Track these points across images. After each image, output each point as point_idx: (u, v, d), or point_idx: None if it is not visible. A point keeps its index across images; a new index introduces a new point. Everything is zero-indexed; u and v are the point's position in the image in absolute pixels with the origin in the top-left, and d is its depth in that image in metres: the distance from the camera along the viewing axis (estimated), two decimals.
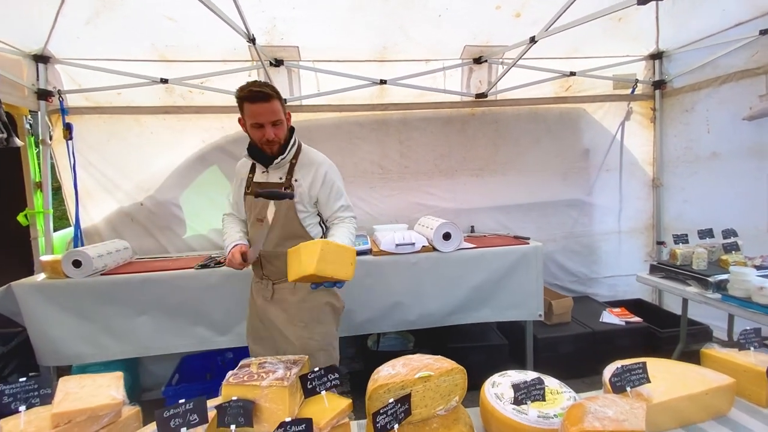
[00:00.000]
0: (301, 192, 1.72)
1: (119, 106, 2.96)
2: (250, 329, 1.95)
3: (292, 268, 1.43)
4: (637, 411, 0.85)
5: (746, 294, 2.00)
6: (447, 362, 1.07)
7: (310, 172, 1.74)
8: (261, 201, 1.72)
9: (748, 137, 2.89)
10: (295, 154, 1.75)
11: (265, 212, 1.72)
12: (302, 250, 1.40)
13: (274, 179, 1.74)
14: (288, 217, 1.72)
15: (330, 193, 1.77)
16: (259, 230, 1.75)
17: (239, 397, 0.97)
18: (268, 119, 1.60)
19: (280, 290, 1.79)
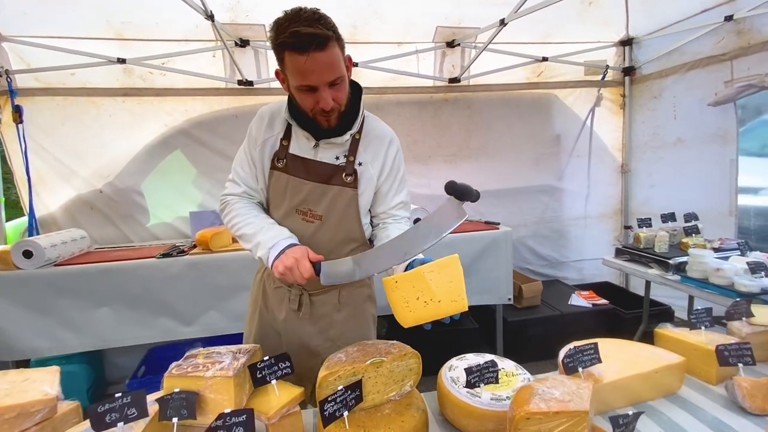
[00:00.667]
0: (368, 180, 1.24)
1: (73, 87, 2.80)
2: (258, 340, 1.38)
3: (406, 305, 0.98)
4: (583, 391, 0.85)
5: (704, 275, 2.06)
6: (402, 347, 1.05)
7: (380, 153, 1.25)
8: (310, 186, 1.20)
9: (712, 123, 2.96)
10: (360, 125, 1.22)
11: (317, 204, 1.22)
12: (427, 275, 0.97)
13: (327, 158, 1.21)
14: (347, 215, 1.24)
15: (394, 183, 1.29)
16: (301, 228, 1.24)
17: (182, 389, 0.92)
18: (324, 79, 1.03)
19: (320, 304, 1.32)
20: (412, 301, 0.98)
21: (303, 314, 1.32)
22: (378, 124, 1.30)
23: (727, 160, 2.92)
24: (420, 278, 0.98)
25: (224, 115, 3.01)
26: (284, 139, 1.22)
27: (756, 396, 1.04)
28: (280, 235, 1.17)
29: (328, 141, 1.19)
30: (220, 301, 2.34)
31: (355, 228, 1.27)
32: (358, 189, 1.22)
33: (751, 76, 2.59)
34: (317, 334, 1.34)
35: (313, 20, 1.02)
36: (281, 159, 1.22)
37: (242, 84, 2.95)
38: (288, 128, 1.22)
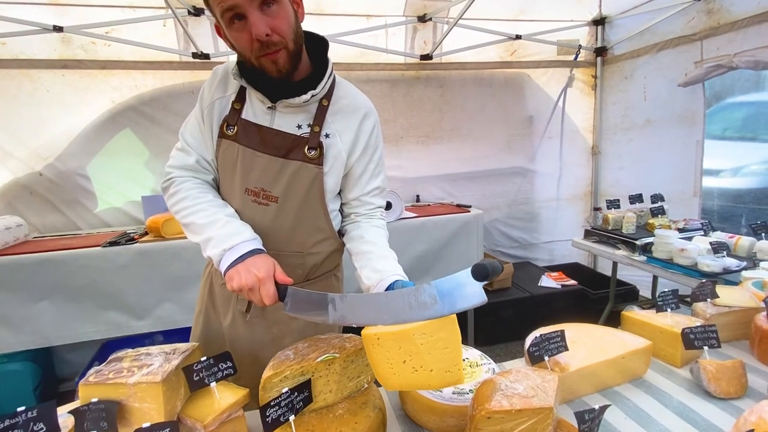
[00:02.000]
0: (336, 155, 1.04)
1: (5, 59, 2.50)
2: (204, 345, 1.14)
3: (390, 367, 0.80)
4: (548, 385, 0.79)
5: (669, 256, 2.08)
6: (357, 340, 0.96)
7: (353, 125, 1.05)
8: (265, 160, 1.00)
9: (680, 104, 2.98)
10: (329, 90, 1.03)
11: (273, 183, 1.02)
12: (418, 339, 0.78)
13: (287, 126, 1.01)
14: (310, 198, 1.04)
15: (369, 165, 1.10)
16: (252, 213, 1.04)
17: (101, 398, 0.81)
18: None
19: (274, 308, 1.00)
20: (397, 365, 0.79)
21: (251, 317, 1.12)
22: (352, 91, 1.09)
23: (694, 141, 2.95)
24: (408, 340, 0.78)
25: (178, 90, 2.78)
26: (237, 101, 1.02)
27: (721, 379, 1.02)
28: (240, 235, 0.95)
29: (287, 103, 0.98)
30: (175, 292, 2.19)
31: (320, 215, 1.07)
32: (324, 166, 1.01)
33: (719, 56, 2.60)
34: (270, 343, 1.13)
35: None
36: (231, 125, 1.01)
37: (197, 57, 2.73)
38: (242, 90, 1.02)
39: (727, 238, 2.11)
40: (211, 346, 1.18)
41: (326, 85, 1.00)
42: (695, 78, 2.69)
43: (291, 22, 0.91)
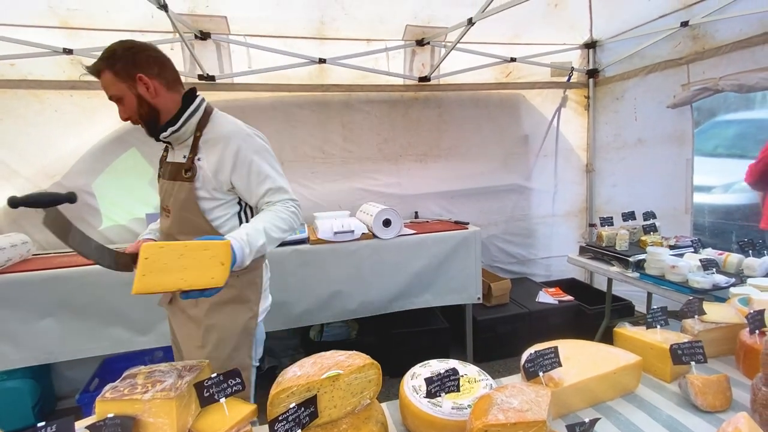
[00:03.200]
0: (204, 175, 1.33)
1: (14, 79, 2.57)
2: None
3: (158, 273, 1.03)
4: (542, 399, 0.84)
5: (661, 272, 2.13)
6: (360, 358, 1.01)
7: (216, 151, 1.33)
8: (163, 183, 1.39)
9: (670, 124, 3.08)
10: (200, 126, 1.35)
11: (168, 199, 1.37)
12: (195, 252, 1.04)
13: (178, 158, 1.37)
14: (187, 207, 1.34)
15: (249, 176, 1.35)
16: (164, 222, 1.42)
17: (117, 414, 0.85)
18: (108, 95, 1.31)
19: (187, 303, 1.41)
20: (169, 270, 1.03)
21: (174, 305, 1.47)
22: (220, 125, 1.38)
23: (684, 160, 3.04)
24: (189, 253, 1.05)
25: None
26: (164, 151, 1.48)
27: (707, 393, 1.07)
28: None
29: (174, 139, 1.37)
30: None
31: (199, 220, 1.36)
32: (195, 183, 1.33)
33: (706, 79, 2.71)
34: (187, 339, 1.44)
35: (102, 54, 1.28)
36: (159, 167, 1.48)
37: (203, 79, 2.82)
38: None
39: (717, 255, 2.18)
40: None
41: (188, 123, 1.34)
42: (683, 100, 2.79)
43: (135, 108, 1.30)
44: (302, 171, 3.17)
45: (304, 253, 2.38)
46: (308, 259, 2.39)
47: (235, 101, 2.97)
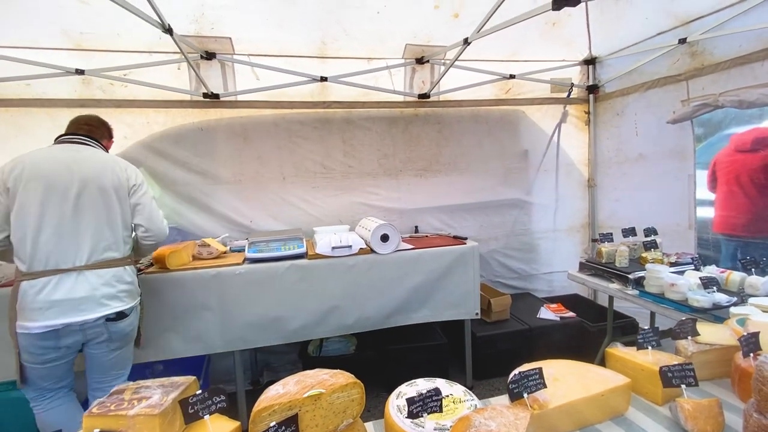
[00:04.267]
0: None
1: (28, 98, 2.69)
2: None
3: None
4: (520, 422, 0.83)
5: (660, 290, 2.10)
6: (343, 377, 1.02)
7: None
8: None
9: (671, 140, 3.07)
10: None
11: None
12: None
13: None
14: None
15: None
16: None
17: (103, 429, 0.86)
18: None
19: None
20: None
21: None
22: None
23: (686, 176, 3.02)
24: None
25: (188, 128, 2.94)
26: None
27: (698, 418, 1.05)
28: None
29: None
30: (177, 323, 2.25)
31: None
32: None
33: (705, 95, 2.71)
34: None
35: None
36: None
37: (208, 97, 2.90)
38: None
39: (719, 272, 2.14)
40: None
41: None
42: (683, 116, 2.79)
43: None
44: (303, 186, 3.22)
45: (301, 268, 2.40)
46: (305, 274, 2.41)
47: (239, 119, 3.04)
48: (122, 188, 1.84)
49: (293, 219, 3.20)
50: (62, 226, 1.69)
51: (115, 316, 1.77)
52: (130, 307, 1.84)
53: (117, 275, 1.79)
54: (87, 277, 1.71)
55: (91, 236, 1.74)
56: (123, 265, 1.84)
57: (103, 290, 1.73)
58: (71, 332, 1.70)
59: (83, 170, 1.76)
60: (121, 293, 1.80)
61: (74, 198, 1.72)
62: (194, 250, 2.47)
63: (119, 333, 1.82)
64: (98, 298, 1.72)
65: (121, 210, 1.84)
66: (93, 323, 1.72)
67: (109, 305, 1.75)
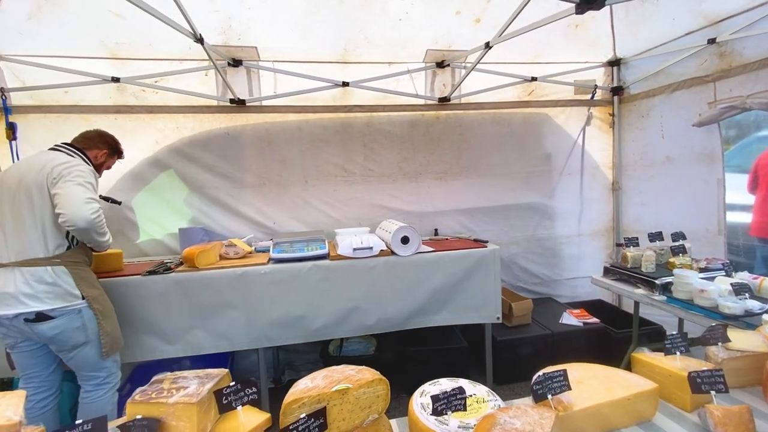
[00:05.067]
0: None
1: (67, 105, 2.84)
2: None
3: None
4: (545, 422, 0.84)
5: (689, 296, 2.05)
6: (369, 373, 1.05)
7: None
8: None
9: (698, 143, 2.99)
10: None
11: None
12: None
13: None
14: None
15: None
16: None
17: (144, 415, 0.92)
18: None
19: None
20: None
21: None
22: None
23: (714, 180, 2.94)
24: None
25: (216, 133, 3.05)
26: None
27: (728, 425, 1.03)
28: None
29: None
30: (205, 320, 2.33)
31: None
32: None
33: (733, 97, 2.63)
34: None
35: None
36: None
37: (234, 102, 3.00)
38: None
39: (751, 279, 2.07)
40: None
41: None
42: (709, 118, 2.72)
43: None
44: (325, 189, 3.28)
45: (323, 269, 2.45)
46: (327, 274, 2.46)
47: (264, 123, 3.13)
48: (43, 186, 1.80)
49: (314, 221, 3.27)
50: (2, 226, 1.80)
51: (35, 316, 1.74)
52: (53, 308, 1.75)
53: (36, 275, 1.75)
54: (14, 273, 1.74)
55: (19, 235, 1.78)
56: (45, 265, 1.77)
57: (22, 288, 1.73)
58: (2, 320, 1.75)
59: (23, 173, 1.84)
60: (41, 294, 1.74)
61: (11, 199, 1.81)
62: (221, 250, 2.55)
63: (43, 336, 1.77)
64: (16, 295, 1.72)
65: (43, 209, 1.79)
66: (12, 320, 1.73)
67: (27, 304, 1.72)
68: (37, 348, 1.87)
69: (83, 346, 1.85)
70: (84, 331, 1.84)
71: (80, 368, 1.90)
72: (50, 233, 1.81)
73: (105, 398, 1.92)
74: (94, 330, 1.87)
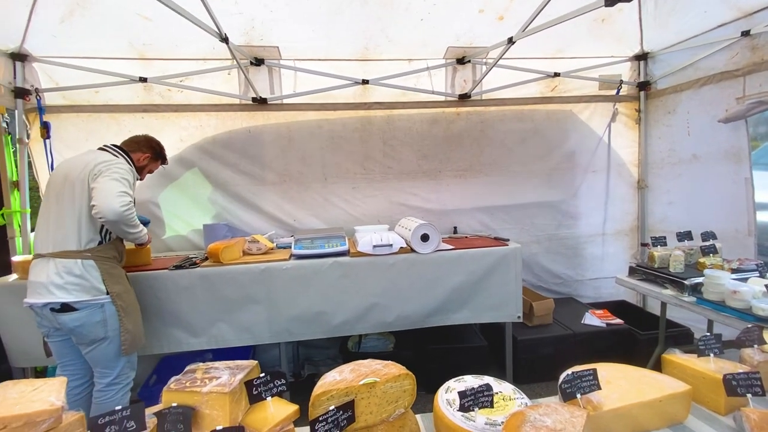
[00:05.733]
0: None
1: (97, 104, 2.94)
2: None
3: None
4: (576, 420, 0.83)
5: (720, 297, 1.99)
6: (396, 368, 1.06)
7: None
8: None
9: (725, 140, 2.89)
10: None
11: None
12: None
13: None
14: None
15: None
16: None
17: (179, 403, 0.95)
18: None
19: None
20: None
21: None
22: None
23: (742, 179, 2.83)
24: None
25: (238, 131, 3.10)
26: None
27: (765, 429, 1.00)
28: None
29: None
30: (229, 314, 2.38)
31: None
32: None
33: (762, 93, 2.53)
34: None
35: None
36: None
37: (256, 101, 3.05)
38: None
39: None
40: None
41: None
42: (735, 114, 2.62)
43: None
44: (344, 186, 3.30)
45: (343, 265, 2.47)
46: (347, 271, 2.48)
47: (284, 122, 3.17)
48: (85, 181, 1.87)
49: (334, 218, 3.29)
50: (47, 218, 1.91)
51: (60, 306, 1.79)
52: (78, 301, 1.80)
53: (66, 266, 1.82)
54: (49, 263, 1.83)
55: (58, 227, 1.87)
56: (76, 258, 1.83)
57: (53, 278, 1.80)
58: (34, 313, 1.86)
59: (70, 169, 1.93)
60: (69, 285, 1.80)
61: (57, 194, 1.91)
62: (244, 246, 2.60)
63: (65, 326, 1.82)
64: (47, 285, 1.80)
65: (81, 203, 1.87)
66: (41, 309, 1.81)
67: (55, 294, 1.79)
68: (68, 338, 1.94)
69: (101, 342, 1.88)
70: (104, 327, 1.87)
71: (96, 363, 1.93)
72: (85, 227, 1.88)
73: (114, 399, 1.93)
74: (114, 327, 1.90)
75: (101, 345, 1.89)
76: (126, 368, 1.99)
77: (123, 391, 1.98)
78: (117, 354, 1.93)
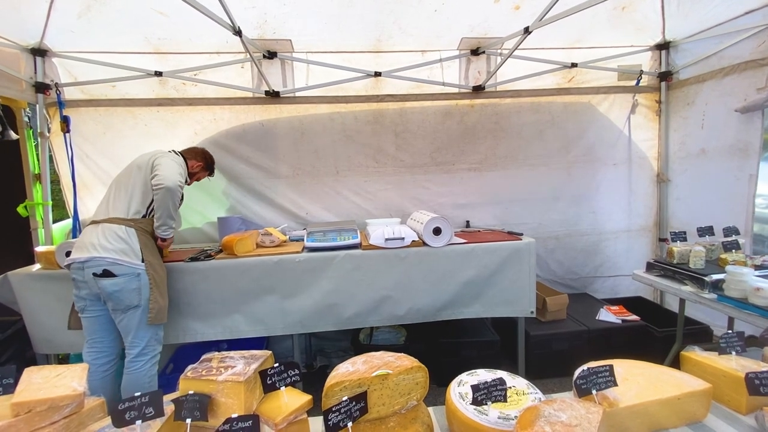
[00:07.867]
0: None
1: (114, 98, 2.99)
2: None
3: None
4: (592, 416, 0.82)
5: (743, 295, 1.93)
6: (408, 360, 1.06)
7: None
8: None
9: (734, 134, 2.83)
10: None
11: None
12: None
13: None
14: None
15: None
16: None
17: (196, 391, 0.97)
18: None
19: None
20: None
21: None
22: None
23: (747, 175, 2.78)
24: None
25: (251, 124, 3.12)
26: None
27: None
28: None
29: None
30: (243, 305, 2.41)
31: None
32: None
33: None
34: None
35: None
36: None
37: (269, 94, 3.06)
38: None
39: None
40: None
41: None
42: (753, 104, 2.52)
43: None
44: (356, 179, 3.29)
45: (355, 258, 2.48)
46: (360, 263, 2.48)
47: (297, 115, 3.17)
48: (147, 165, 2.16)
49: (346, 211, 3.30)
50: (108, 196, 2.19)
51: (101, 273, 1.96)
52: (117, 259, 1.98)
53: (112, 230, 2.03)
54: (98, 228, 2.05)
55: (114, 199, 2.13)
56: (121, 224, 2.06)
57: (101, 240, 2.00)
58: (76, 269, 2.00)
59: (137, 160, 2.25)
60: (112, 245, 2.00)
61: (123, 178, 2.21)
62: (258, 239, 2.62)
63: (104, 291, 1.96)
64: (95, 244, 1.99)
65: (137, 179, 2.14)
66: (83, 272, 1.97)
67: (98, 251, 1.97)
68: (101, 315, 2.07)
69: (135, 309, 2.03)
70: (138, 294, 2.03)
71: (127, 332, 2.06)
72: (135, 200, 2.12)
73: (143, 369, 2.06)
74: (146, 296, 2.06)
75: (135, 312, 2.04)
76: (153, 341, 2.12)
77: (151, 362, 2.11)
78: (146, 323, 2.07)
